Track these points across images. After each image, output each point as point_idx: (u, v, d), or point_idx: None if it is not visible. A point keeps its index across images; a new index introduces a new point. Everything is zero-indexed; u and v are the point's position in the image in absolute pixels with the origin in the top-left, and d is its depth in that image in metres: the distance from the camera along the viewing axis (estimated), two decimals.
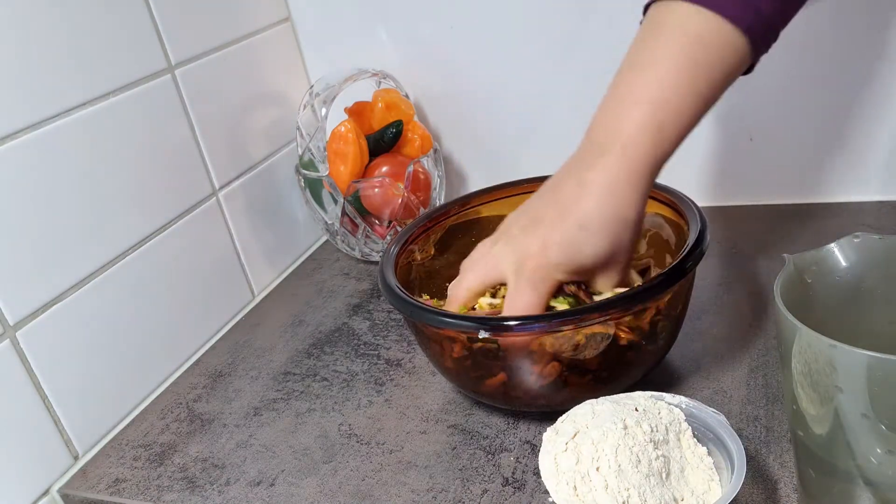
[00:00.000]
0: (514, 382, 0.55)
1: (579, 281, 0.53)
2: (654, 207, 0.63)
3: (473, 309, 0.56)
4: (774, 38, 0.50)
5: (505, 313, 0.53)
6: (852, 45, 0.73)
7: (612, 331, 0.52)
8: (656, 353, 0.57)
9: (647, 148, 0.49)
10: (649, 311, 0.53)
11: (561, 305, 0.53)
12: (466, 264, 0.57)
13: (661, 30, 0.50)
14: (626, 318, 0.52)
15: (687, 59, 0.48)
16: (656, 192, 0.62)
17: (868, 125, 0.76)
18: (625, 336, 0.53)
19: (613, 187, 0.50)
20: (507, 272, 0.53)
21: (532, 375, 0.53)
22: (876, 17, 0.72)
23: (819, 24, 0.73)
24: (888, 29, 0.72)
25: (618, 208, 0.50)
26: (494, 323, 0.51)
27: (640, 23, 0.52)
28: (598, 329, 0.51)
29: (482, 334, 0.51)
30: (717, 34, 0.48)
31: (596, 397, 0.49)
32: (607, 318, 0.51)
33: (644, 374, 0.57)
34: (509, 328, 0.51)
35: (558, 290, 0.53)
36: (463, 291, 0.56)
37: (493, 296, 0.55)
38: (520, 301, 0.52)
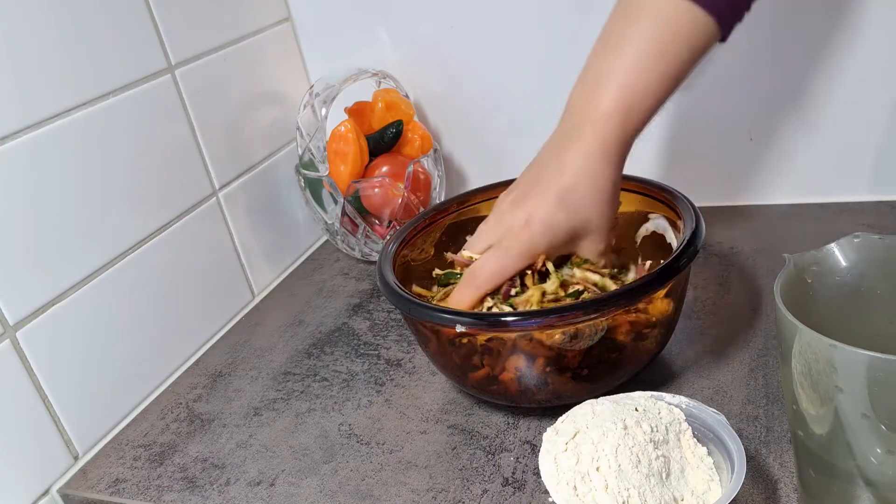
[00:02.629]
0: (511, 377, 0.55)
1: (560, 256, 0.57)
2: (652, 207, 0.64)
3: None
4: (744, 12, 0.54)
5: (476, 263, 0.56)
6: (852, 46, 0.73)
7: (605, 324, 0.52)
8: (650, 351, 0.57)
9: (617, 127, 0.53)
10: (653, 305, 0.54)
11: (551, 286, 0.56)
12: (468, 241, 0.61)
13: (632, 12, 0.53)
14: (621, 315, 0.53)
15: (656, 42, 0.52)
16: (653, 191, 0.63)
17: (868, 125, 0.76)
18: (624, 329, 0.53)
19: (589, 165, 0.54)
20: (492, 243, 0.57)
21: (527, 370, 0.54)
22: (875, 17, 0.72)
23: (819, 25, 0.73)
24: (887, 29, 0.72)
25: (593, 183, 0.54)
26: (493, 319, 0.52)
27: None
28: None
29: (458, 328, 0.52)
30: (686, 16, 0.51)
31: (595, 396, 0.49)
32: (601, 315, 0.51)
33: (640, 369, 0.57)
34: (505, 324, 0.52)
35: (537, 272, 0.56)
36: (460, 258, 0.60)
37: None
38: (495, 260, 0.56)
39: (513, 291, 0.56)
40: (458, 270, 0.61)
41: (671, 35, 0.52)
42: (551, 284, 0.56)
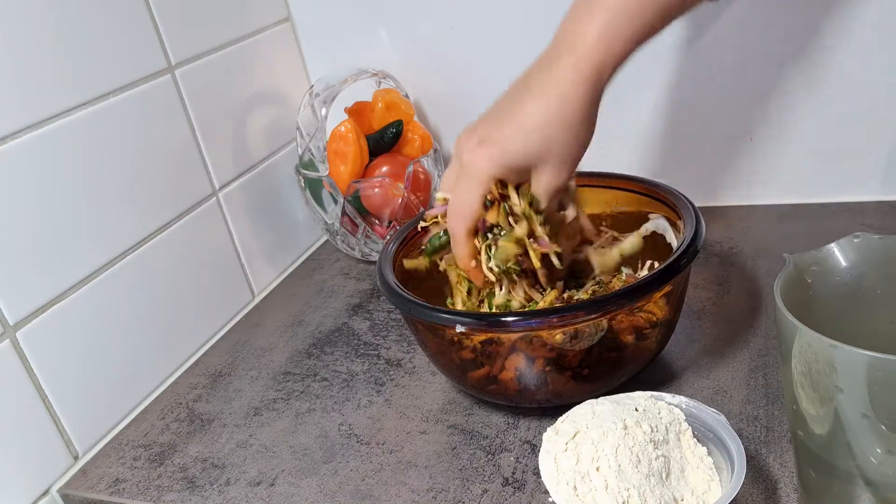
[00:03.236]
0: (511, 377, 0.55)
1: (518, 183, 0.54)
2: (652, 207, 0.64)
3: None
4: None
5: (448, 210, 0.55)
6: (852, 46, 0.73)
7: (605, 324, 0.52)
8: (650, 351, 0.57)
9: (598, 54, 0.50)
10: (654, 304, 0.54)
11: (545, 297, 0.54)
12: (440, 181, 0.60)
13: None
14: (620, 315, 0.53)
15: None
16: (653, 191, 0.63)
17: (867, 125, 0.76)
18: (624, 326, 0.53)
19: (558, 87, 0.51)
20: (454, 178, 0.55)
21: (527, 369, 0.54)
22: (875, 18, 0.72)
23: (818, 25, 0.73)
24: (887, 29, 0.72)
25: (558, 109, 0.51)
26: (493, 319, 0.53)
27: None
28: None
29: (458, 328, 0.52)
30: None
31: (595, 396, 0.49)
32: (601, 315, 0.51)
33: (640, 369, 0.57)
34: (505, 325, 0.52)
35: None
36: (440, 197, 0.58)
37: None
38: (460, 196, 0.54)
39: (490, 219, 0.54)
40: (437, 231, 0.60)
41: None
42: (520, 229, 0.54)
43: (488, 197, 0.54)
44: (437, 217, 0.59)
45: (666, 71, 0.80)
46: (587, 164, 0.68)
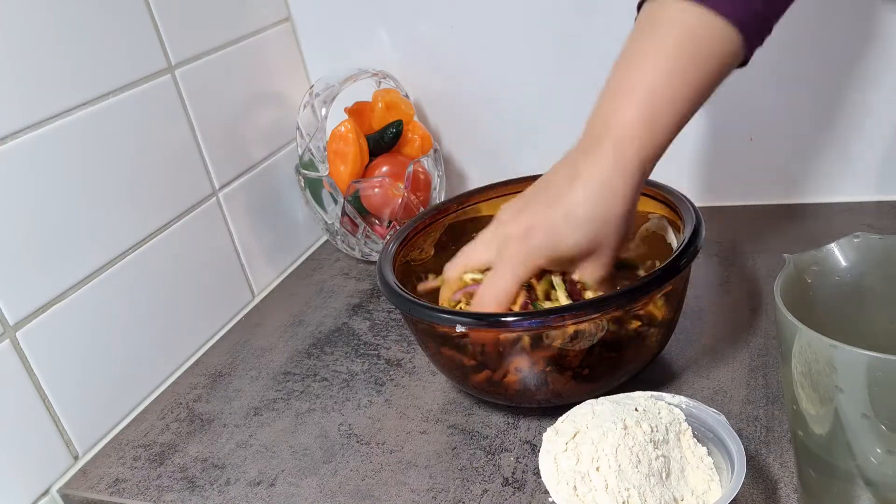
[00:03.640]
0: (512, 377, 0.55)
1: (561, 272, 0.54)
2: (652, 207, 0.64)
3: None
4: (768, 31, 0.51)
5: (481, 292, 0.54)
6: (852, 46, 0.73)
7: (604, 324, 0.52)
8: (650, 351, 0.57)
9: (641, 141, 0.50)
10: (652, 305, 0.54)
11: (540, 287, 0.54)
12: (463, 248, 0.59)
13: (655, 25, 0.51)
14: (619, 314, 0.53)
15: (680, 52, 0.49)
16: (653, 191, 0.63)
17: (867, 125, 0.76)
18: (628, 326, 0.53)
19: (604, 179, 0.50)
20: (491, 254, 0.54)
21: (528, 370, 0.54)
22: (874, 18, 0.72)
23: (818, 25, 0.73)
24: (886, 29, 0.72)
25: (606, 201, 0.50)
26: (493, 319, 0.52)
27: (635, 20, 0.52)
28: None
29: (458, 328, 0.52)
30: (711, 29, 0.49)
31: (595, 396, 0.49)
32: (601, 315, 0.51)
33: (640, 369, 0.57)
34: (506, 325, 0.52)
35: (542, 275, 0.54)
36: (451, 272, 0.57)
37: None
38: (497, 282, 0.53)
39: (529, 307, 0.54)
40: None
41: (696, 47, 0.49)
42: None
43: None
44: (459, 302, 0.57)
45: None
46: None
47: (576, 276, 0.54)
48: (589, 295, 0.54)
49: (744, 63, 0.52)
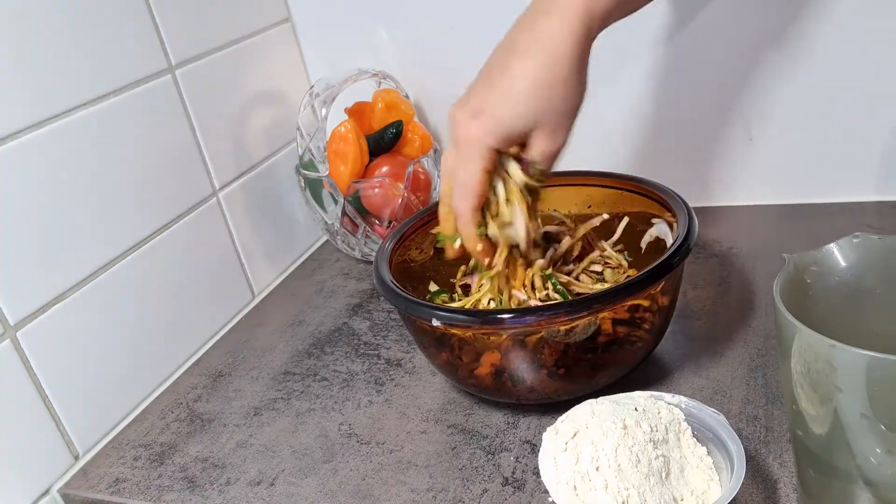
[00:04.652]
0: (507, 372, 0.55)
1: (518, 153, 0.53)
2: (646, 206, 0.64)
3: None
4: None
5: (453, 198, 0.53)
6: (851, 46, 0.73)
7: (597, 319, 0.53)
8: (647, 343, 0.58)
9: (585, 5, 0.48)
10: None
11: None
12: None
13: None
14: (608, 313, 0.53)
15: None
16: (647, 189, 0.63)
17: (867, 125, 0.76)
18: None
19: (546, 44, 0.49)
20: (453, 158, 0.54)
21: (524, 365, 0.54)
22: (874, 18, 0.72)
23: (818, 25, 0.73)
24: (886, 29, 0.72)
25: (550, 67, 0.49)
26: (490, 317, 0.53)
27: None
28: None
29: (435, 322, 0.52)
30: None
31: (595, 396, 0.49)
32: (592, 313, 0.52)
33: (638, 362, 0.58)
34: (501, 322, 0.52)
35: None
36: (441, 195, 0.56)
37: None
38: (462, 177, 0.52)
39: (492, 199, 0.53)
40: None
41: None
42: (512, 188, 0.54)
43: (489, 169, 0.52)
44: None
45: (665, 71, 0.80)
46: (586, 162, 0.68)
47: (526, 154, 0.53)
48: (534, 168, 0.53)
49: None
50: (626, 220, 0.64)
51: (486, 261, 0.56)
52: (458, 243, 0.56)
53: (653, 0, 0.53)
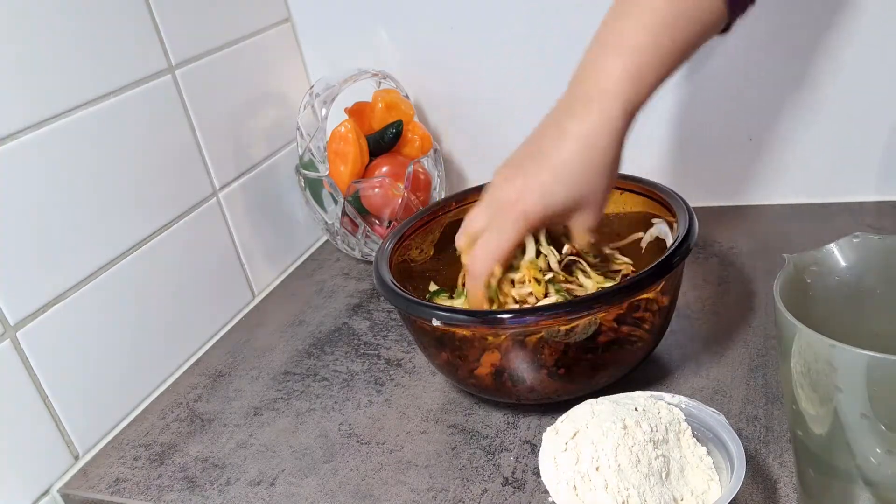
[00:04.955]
0: (507, 372, 0.55)
1: (553, 230, 0.56)
2: (647, 206, 0.64)
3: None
4: (751, 1, 0.54)
5: (475, 253, 0.55)
6: (851, 46, 0.73)
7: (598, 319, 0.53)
8: (647, 341, 0.57)
9: (626, 96, 0.51)
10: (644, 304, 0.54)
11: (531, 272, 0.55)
12: (466, 216, 0.59)
13: None
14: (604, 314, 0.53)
15: (667, 10, 0.51)
16: (647, 189, 0.63)
17: (867, 125, 0.76)
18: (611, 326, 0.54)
19: (590, 134, 0.52)
20: (485, 220, 0.55)
21: (524, 365, 0.54)
22: (875, 18, 0.72)
23: (818, 24, 0.73)
24: (887, 30, 0.72)
25: (593, 157, 0.52)
26: (490, 316, 0.53)
27: None
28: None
29: (435, 322, 0.52)
30: None
31: (594, 395, 0.49)
32: (593, 313, 0.52)
33: (638, 362, 0.58)
34: (501, 322, 0.52)
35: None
36: (458, 241, 0.58)
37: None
38: (491, 240, 0.54)
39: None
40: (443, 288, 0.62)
41: (682, 9, 0.51)
42: (548, 261, 0.56)
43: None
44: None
45: None
46: None
47: (571, 229, 0.56)
48: (577, 242, 0.56)
49: (725, 30, 0.54)
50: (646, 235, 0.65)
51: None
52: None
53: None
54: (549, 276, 0.57)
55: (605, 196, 0.55)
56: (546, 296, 0.56)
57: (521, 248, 0.56)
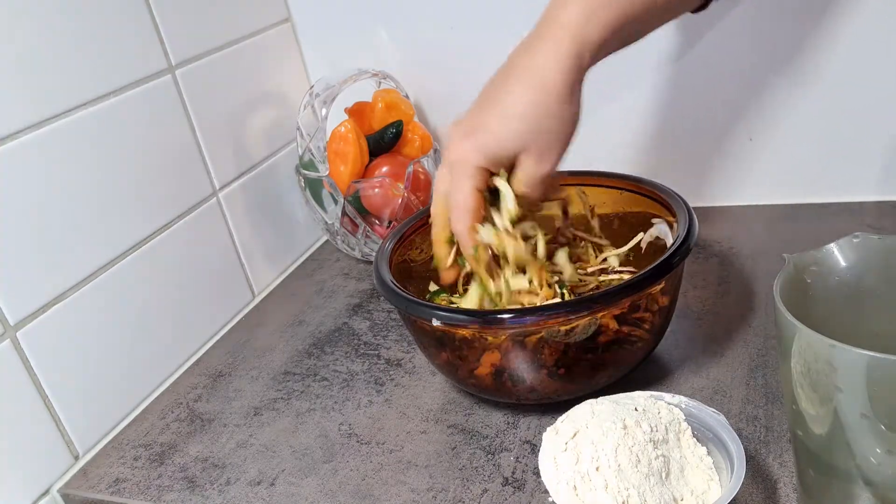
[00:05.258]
0: (507, 372, 0.55)
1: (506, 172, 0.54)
2: (647, 206, 0.64)
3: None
4: None
5: (451, 213, 0.54)
6: (851, 45, 0.73)
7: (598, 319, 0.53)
8: (647, 340, 0.58)
9: (578, 30, 0.50)
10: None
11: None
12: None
13: None
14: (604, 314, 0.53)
15: None
16: (647, 189, 0.63)
17: (867, 125, 0.76)
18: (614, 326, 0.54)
19: (538, 74, 0.51)
20: (448, 179, 0.55)
21: (524, 365, 0.54)
22: (876, 17, 0.72)
23: (818, 25, 0.73)
24: (888, 29, 0.72)
25: (542, 94, 0.50)
26: (490, 317, 0.53)
27: None
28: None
29: (435, 322, 0.52)
30: None
31: (594, 395, 0.49)
32: (592, 312, 0.52)
33: (639, 362, 0.58)
34: (501, 322, 0.52)
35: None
36: (433, 207, 0.57)
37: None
38: (457, 196, 0.53)
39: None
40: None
41: None
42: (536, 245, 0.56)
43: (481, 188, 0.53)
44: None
45: (665, 71, 0.80)
46: (587, 163, 0.68)
47: (517, 173, 0.54)
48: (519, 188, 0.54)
49: (700, 8, 0.53)
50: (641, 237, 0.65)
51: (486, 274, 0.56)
52: (450, 260, 0.57)
53: (654, 30, 0.54)
54: (556, 278, 0.57)
55: (557, 143, 0.52)
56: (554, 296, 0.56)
57: (497, 196, 0.54)
